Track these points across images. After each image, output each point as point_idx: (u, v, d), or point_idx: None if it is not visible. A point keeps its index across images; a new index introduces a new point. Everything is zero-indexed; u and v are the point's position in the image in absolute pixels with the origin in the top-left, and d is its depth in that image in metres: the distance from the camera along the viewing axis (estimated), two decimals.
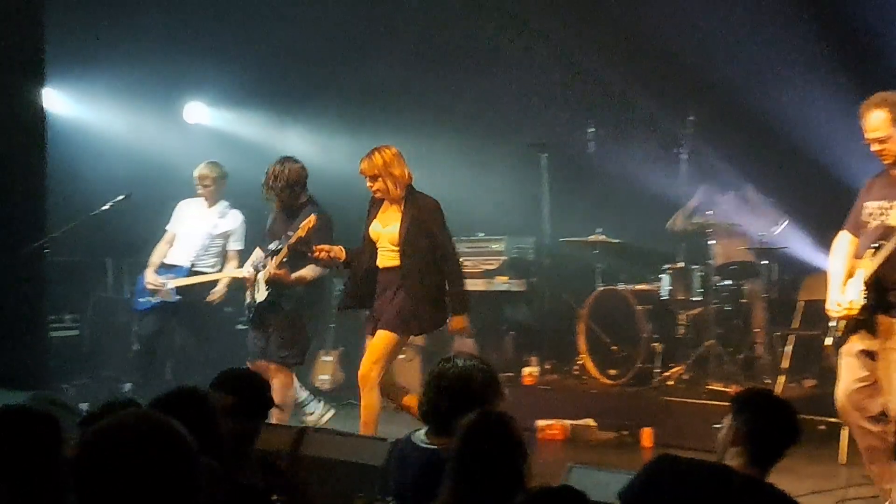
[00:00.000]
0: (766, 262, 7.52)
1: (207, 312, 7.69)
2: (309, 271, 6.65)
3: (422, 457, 3.63)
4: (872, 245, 4.76)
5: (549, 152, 8.43)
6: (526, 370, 8.07)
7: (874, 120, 4.73)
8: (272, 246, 6.72)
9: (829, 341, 4.96)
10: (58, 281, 8.56)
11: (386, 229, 6.00)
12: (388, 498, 3.87)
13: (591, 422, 7.12)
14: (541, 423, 7.12)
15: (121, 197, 7.66)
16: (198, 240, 7.64)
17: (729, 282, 7.67)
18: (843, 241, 4.98)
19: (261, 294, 6.74)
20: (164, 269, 7.66)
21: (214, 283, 7.59)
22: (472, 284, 8.37)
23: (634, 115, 8.56)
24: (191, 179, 7.69)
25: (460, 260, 6.12)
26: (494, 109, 9.14)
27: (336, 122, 9.46)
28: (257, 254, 7.01)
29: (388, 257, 6.00)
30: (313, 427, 5.80)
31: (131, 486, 1.84)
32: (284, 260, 6.47)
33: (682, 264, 7.79)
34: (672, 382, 7.48)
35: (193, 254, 7.64)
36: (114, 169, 8.80)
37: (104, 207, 7.66)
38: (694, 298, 7.65)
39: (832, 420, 5.75)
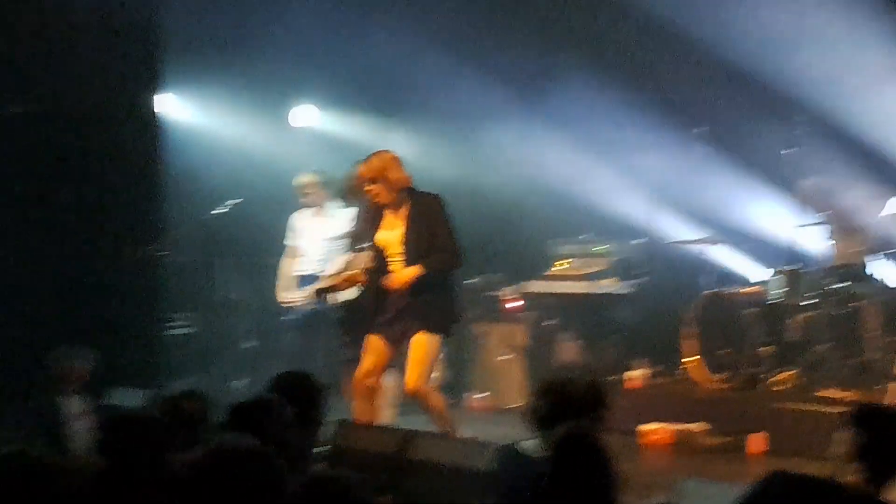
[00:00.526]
0: (885, 260, 7.34)
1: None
2: None
3: (523, 466, 3.65)
4: None
5: (660, 153, 8.35)
6: (630, 374, 8.01)
7: None
8: (358, 247, 6.74)
9: None
10: (171, 281, 8.82)
11: (392, 233, 5.96)
12: None
13: (697, 427, 7.01)
14: (645, 427, 7.05)
15: (235, 201, 7.81)
16: (317, 248, 7.64)
17: (842, 284, 7.47)
18: None
19: (348, 293, 6.79)
20: (297, 282, 7.66)
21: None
22: (576, 287, 8.38)
23: (745, 115, 8.41)
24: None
25: (457, 255, 5.88)
26: (598, 112, 9.07)
27: (443, 124, 9.49)
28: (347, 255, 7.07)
29: (399, 262, 5.95)
30: (420, 430, 5.83)
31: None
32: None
33: (792, 266, 7.63)
34: (782, 388, 7.35)
35: (317, 263, 7.60)
36: (226, 172, 9.02)
37: (219, 211, 7.81)
38: (805, 302, 7.49)
39: None
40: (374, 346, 5.98)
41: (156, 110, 8.64)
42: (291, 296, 7.65)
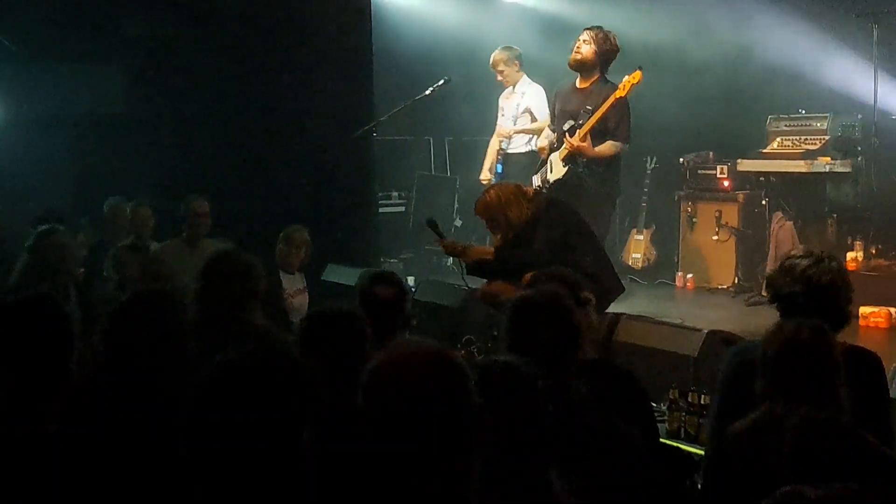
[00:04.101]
0: None
1: None
2: (609, 147, 6.57)
3: (735, 354, 3.61)
4: None
5: (882, 23, 7.81)
6: (850, 255, 7.71)
7: None
8: (566, 126, 6.68)
9: None
10: (384, 160, 9.04)
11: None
12: (702, 391, 3.91)
13: None
14: (865, 309, 6.81)
15: (441, 81, 7.88)
16: (508, 123, 7.76)
17: None
18: None
19: (556, 173, 6.74)
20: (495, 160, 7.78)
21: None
22: (792, 166, 8.07)
23: None
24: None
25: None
26: None
27: None
28: (547, 134, 7.04)
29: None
30: (627, 314, 5.84)
31: (415, 411, 1.93)
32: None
33: None
34: None
35: (506, 139, 7.75)
36: (433, 50, 9.08)
37: (426, 93, 7.91)
38: None
39: None
40: None
41: None
42: (485, 176, 7.73)
